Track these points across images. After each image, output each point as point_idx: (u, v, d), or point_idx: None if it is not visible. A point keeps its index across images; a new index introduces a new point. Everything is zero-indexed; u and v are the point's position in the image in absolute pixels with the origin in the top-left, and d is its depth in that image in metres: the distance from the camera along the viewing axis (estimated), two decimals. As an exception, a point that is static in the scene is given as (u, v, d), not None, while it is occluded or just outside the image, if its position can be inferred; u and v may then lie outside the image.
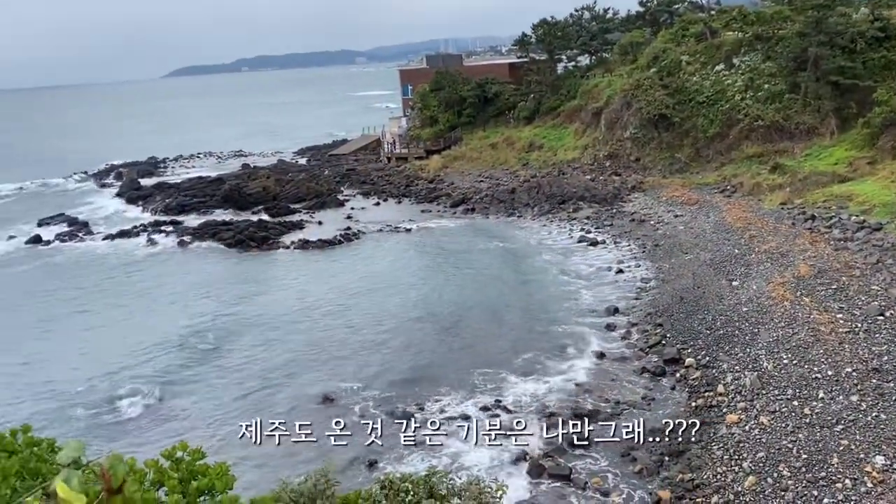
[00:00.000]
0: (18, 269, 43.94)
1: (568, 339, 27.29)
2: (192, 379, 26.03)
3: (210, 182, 64.81)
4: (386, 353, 27.28)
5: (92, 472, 1.81)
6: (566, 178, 52.18)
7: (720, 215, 38.13)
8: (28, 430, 3.85)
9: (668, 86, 51.48)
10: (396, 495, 5.06)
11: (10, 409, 23.81)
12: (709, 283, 29.44)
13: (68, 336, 31.50)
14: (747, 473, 17.19)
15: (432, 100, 69.17)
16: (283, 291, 35.76)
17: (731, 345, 23.76)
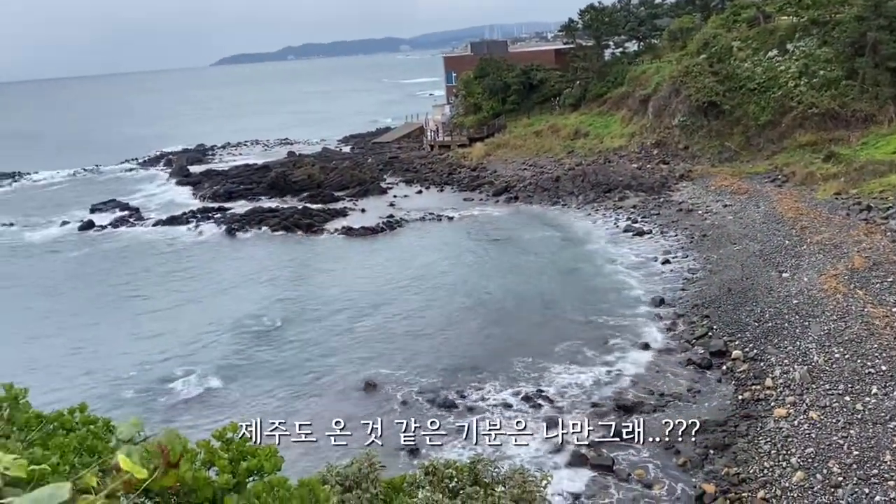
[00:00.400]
0: (72, 254, 45.26)
1: (612, 329, 27.04)
2: (241, 363, 26.53)
3: (257, 169, 65.76)
4: (428, 340, 27.40)
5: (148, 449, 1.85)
6: (612, 166, 51.53)
7: (771, 205, 37.24)
8: (84, 409, 3.95)
9: (718, 72, 50.34)
10: (441, 481, 5.08)
11: (63, 391, 24.53)
12: (758, 274, 28.83)
13: (120, 320, 32.35)
14: (795, 469, 16.84)
15: (476, 87, 68.91)
16: (328, 278, 36.16)
17: (780, 338, 23.25)
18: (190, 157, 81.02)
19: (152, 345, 28.71)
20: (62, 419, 3.84)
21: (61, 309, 34.40)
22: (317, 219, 47.79)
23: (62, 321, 32.55)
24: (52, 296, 36.73)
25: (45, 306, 35.05)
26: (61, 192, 68.81)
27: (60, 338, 30.35)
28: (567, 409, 21.49)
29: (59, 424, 3.79)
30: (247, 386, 24.54)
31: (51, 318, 33.19)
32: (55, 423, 3.82)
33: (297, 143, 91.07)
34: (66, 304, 35.26)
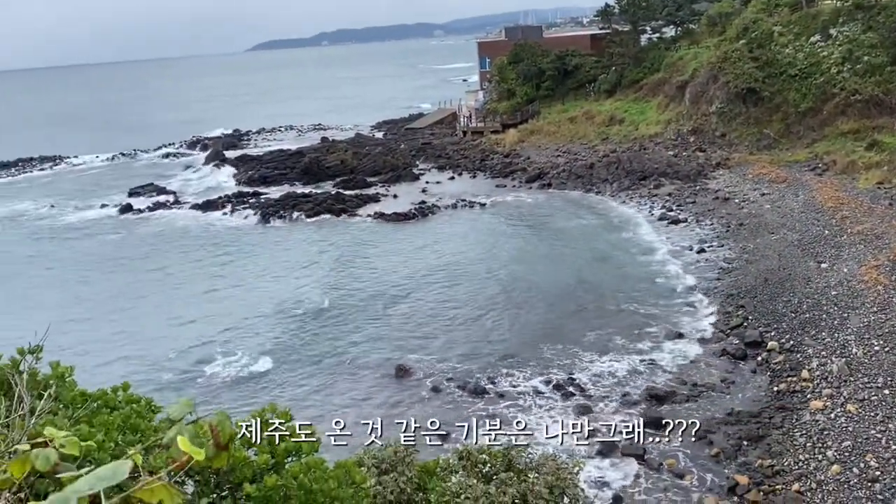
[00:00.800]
0: (110, 237, 46.14)
1: (645, 318, 26.82)
2: (277, 347, 26.86)
3: (290, 155, 66.23)
4: (459, 326, 27.45)
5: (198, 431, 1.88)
6: (647, 153, 50.90)
7: (810, 194, 36.51)
8: (127, 388, 4.05)
9: (758, 58, 49.31)
10: (474, 466, 5.10)
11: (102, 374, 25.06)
12: (795, 264, 28.33)
13: (159, 303, 32.94)
14: (831, 462, 16.59)
15: (510, 72, 68.43)
16: (360, 264, 36.35)
17: (817, 329, 22.86)
18: (225, 143, 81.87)
19: (191, 328, 29.20)
20: (106, 397, 3.94)
21: (101, 291, 35.13)
22: (349, 204, 48.03)
23: (102, 303, 33.24)
24: (92, 278, 37.52)
25: (84, 288, 35.83)
26: (100, 175, 70.07)
27: (100, 320, 31.00)
28: (598, 398, 21.41)
29: (104, 402, 3.90)
30: (282, 370, 24.85)
31: (91, 299, 33.93)
32: (99, 402, 3.92)
33: (330, 129, 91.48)
34: (105, 286, 35.99)
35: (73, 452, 1.53)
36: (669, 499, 16.63)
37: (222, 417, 1.45)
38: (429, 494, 4.87)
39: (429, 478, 5.12)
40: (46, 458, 1.46)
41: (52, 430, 1.58)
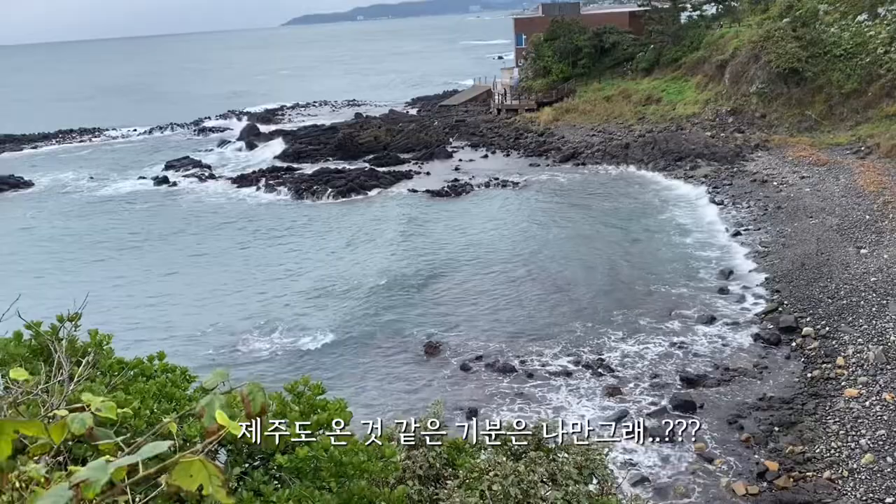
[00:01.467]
0: (147, 209, 46.86)
1: (678, 300, 26.54)
2: (309, 322, 27.13)
3: (324, 130, 66.44)
4: (490, 305, 27.45)
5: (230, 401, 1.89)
6: (684, 133, 50.06)
7: (851, 178, 35.65)
8: (163, 357, 4.11)
9: (801, 37, 48.02)
10: (504, 443, 5.10)
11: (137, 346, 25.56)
12: (834, 249, 27.76)
13: (193, 278, 33.44)
14: (865, 451, 16.33)
15: (546, 49, 67.58)
16: (392, 241, 36.46)
17: (854, 316, 22.42)
18: (260, 117, 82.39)
19: (225, 303, 29.60)
20: (142, 366, 4.01)
21: (136, 263, 35.76)
22: (382, 181, 48.10)
23: (137, 276, 33.84)
24: (127, 250, 38.19)
25: (120, 260, 36.51)
26: (137, 148, 71.07)
27: (135, 292, 31.58)
28: (628, 379, 21.30)
29: (140, 371, 3.96)
30: (315, 345, 25.09)
31: (126, 272, 34.56)
32: (135, 370, 3.99)
33: (364, 105, 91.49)
34: (141, 259, 36.62)
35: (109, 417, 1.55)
36: (697, 482, 16.54)
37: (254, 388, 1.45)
38: (457, 470, 4.89)
39: (457, 454, 5.13)
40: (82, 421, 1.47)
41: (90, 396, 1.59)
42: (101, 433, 1.54)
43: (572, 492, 4.41)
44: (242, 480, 3.32)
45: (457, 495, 4.37)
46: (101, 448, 1.52)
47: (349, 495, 3.69)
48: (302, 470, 3.54)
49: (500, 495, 4.29)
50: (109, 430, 1.59)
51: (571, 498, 4.38)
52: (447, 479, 4.95)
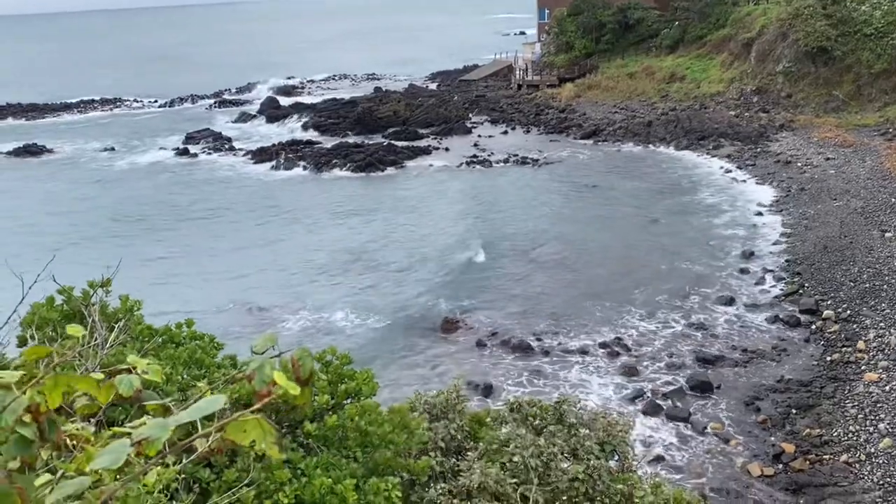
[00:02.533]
0: (165, 179, 47.10)
1: (698, 280, 26.39)
2: (328, 296, 27.28)
3: (344, 104, 66.24)
4: (508, 282, 27.45)
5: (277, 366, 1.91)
6: (708, 112, 49.47)
7: (878, 160, 35.10)
8: (191, 325, 4.15)
9: (831, 15, 47.07)
10: (525, 419, 5.13)
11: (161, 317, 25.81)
12: (858, 232, 27.43)
13: (217, 251, 33.64)
14: (883, 435, 16.26)
15: (570, 24, 66.78)
16: (411, 217, 36.48)
17: (877, 300, 22.20)
18: (280, 90, 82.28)
19: (247, 277, 29.76)
20: (171, 333, 4.06)
21: (155, 236, 36.02)
22: (401, 156, 47.98)
23: (157, 248, 34.11)
24: (146, 221, 38.45)
25: (139, 232, 36.78)
26: (158, 119, 71.33)
27: (156, 265, 31.87)
28: (645, 359, 21.28)
29: (169, 338, 4.01)
30: (334, 320, 25.18)
31: (147, 244, 34.84)
32: (164, 336, 4.04)
33: (383, 79, 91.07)
34: (159, 231, 36.86)
35: (155, 380, 1.57)
36: (713, 462, 16.56)
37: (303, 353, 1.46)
38: (479, 442, 4.93)
39: (479, 427, 5.17)
40: (130, 383, 1.50)
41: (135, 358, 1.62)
42: (148, 395, 1.56)
43: (593, 466, 4.43)
44: (271, 447, 3.37)
45: (477, 466, 4.40)
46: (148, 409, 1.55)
47: (374, 464, 3.73)
48: (329, 438, 3.58)
49: (520, 466, 4.32)
50: (153, 393, 1.62)
51: (592, 472, 4.40)
52: (468, 451, 4.99)
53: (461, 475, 4.54)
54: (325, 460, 3.40)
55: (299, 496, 3.13)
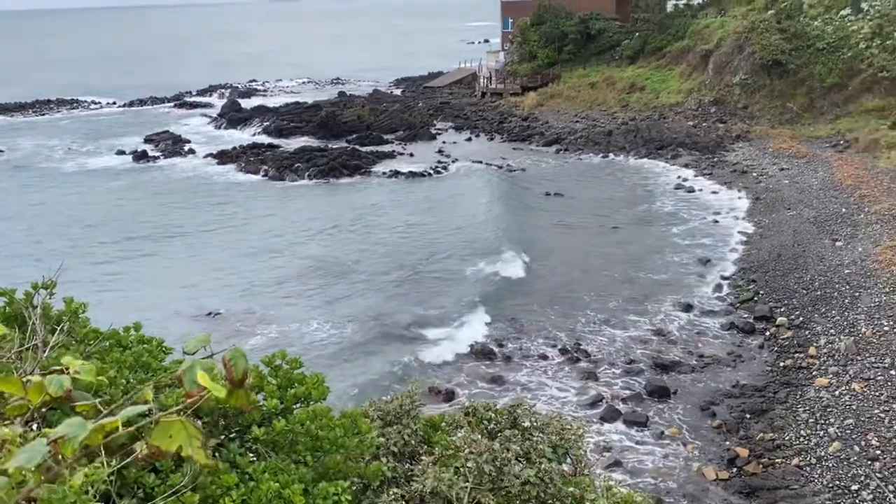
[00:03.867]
0: (123, 184, 46.23)
1: (655, 288, 26.76)
2: (287, 303, 27.02)
3: (307, 108, 65.88)
4: (467, 287, 27.51)
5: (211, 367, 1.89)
6: (667, 122, 50.32)
7: (829, 171, 36.05)
8: (139, 328, 4.08)
9: (785, 30, 48.30)
10: (479, 423, 5.15)
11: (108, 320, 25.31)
12: (810, 241, 28.12)
13: (168, 254, 33.12)
14: (833, 439, 16.66)
15: (533, 34, 67.38)
16: (373, 221, 36.36)
17: (828, 307, 22.77)
18: (242, 92, 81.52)
19: (203, 282, 29.36)
20: (118, 336, 3.98)
21: (110, 238, 35.31)
22: (364, 161, 47.86)
23: (110, 252, 33.45)
24: (102, 226, 37.65)
25: (93, 235, 36.01)
26: (116, 121, 70.05)
27: (110, 266, 31.26)
28: (604, 364, 21.51)
29: (116, 341, 3.94)
30: (290, 326, 24.99)
31: (101, 246, 34.14)
32: (111, 340, 3.97)
33: (348, 83, 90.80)
34: (113, 234, 36.13)
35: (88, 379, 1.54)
36: (669, 466, 16.79)
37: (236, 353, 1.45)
38: (433, 447, 4.93)
39: (433, 432, 5.17)
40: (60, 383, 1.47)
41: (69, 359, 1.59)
42: (80, 396, 1.53)
43: (545, 469, 4.46)
44: (218, 452, 3.33)
45: (431, 471, 4.40)
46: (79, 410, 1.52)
47: (325, 469, 3.71)
48: (278, 443, 3.56)
49: (474, 472, 4.33)
50: (87, 394, 1.59)
51: (544, 475, 4.43)
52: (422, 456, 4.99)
53: (414, 480, 4.54)
54: (273, 465, 3.37)
55: (246, 500, 3.10)
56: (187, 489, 2.97)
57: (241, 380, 1.39)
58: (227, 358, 1.46)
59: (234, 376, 1.40)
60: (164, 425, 1.38)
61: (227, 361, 1.45)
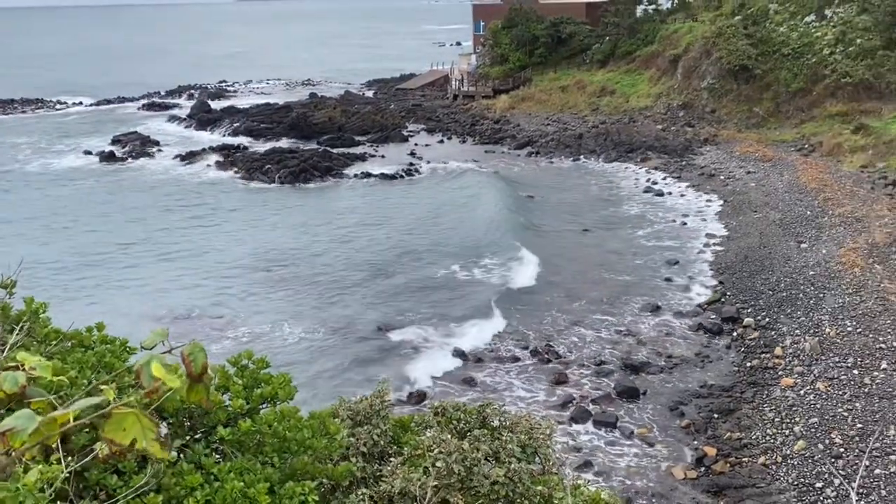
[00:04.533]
0: (90, 185, 45.47)
1: (626, 289, 27.01)
2: (259, 303, 26.79)
3: (277, 109, 65.42)
4: (439, 289, 27.53)
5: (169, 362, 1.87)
6: (636, 126, 50.84)
7: (795, 174, 36.71)
8: (102, 328, 4.01)
9: (752, 35, 49.11)
10: (449, 422, 5.14)
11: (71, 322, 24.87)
12: (776, 243, 28.59)
13: (135, 255, 32.66)
14: (798, 437, 16.95)
15: (504, 37, 67.66)
16: (345, 223, 36.22)
17: (793, 308, 23.17)
18: (212, 93, 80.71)
19: (170, 281, 29.03)
20: (80, 336, 3.91)
21: (78, 239, 34.76)
22: (336, 162, 47.64)
23: (78, 251, 32.91)
24: (69, 226, 37.05)
25: (60, 236, 35.42)
26: (85, 121, 68.91)
27: (75, 268, 30.75)
28: (575, 366, 21.64)
29: (78, 342, 3.86)
30: (261, 327, 24.79)
31: (68, 247, 33.57)
32: (73, 340, 3.89)
33: (319, 84, 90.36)
34: (83, 234, 35.59)
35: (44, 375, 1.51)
36: (639, 466, 16.95)
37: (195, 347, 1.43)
38: (402, 448, 4.91)
39: (403, 432, 5.15)
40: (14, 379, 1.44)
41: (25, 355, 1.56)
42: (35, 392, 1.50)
43: (514, 469, 4.46)
44: (183, 453, 3.29)
45: (400, 471, 4.39)
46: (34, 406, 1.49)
47: (292, 470, 3.68)
48: (244, 444, 3.51)
49: (443, 472, 4.33)
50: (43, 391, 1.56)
51: (513, 475, 4.44)
52: (392, 457, 4.98)
53: (383, 481, 4.52)
54: (239, 465, 3.33)
55: (210, 501, 3.06)
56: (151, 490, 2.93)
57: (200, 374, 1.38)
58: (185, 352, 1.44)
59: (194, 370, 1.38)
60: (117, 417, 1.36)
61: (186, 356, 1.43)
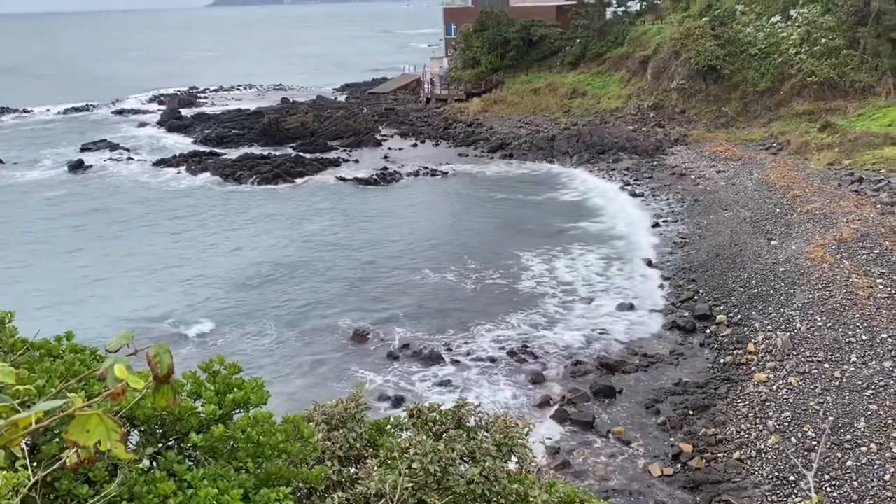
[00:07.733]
0: (59, 194, 44.79)
1: (599, 289, 27.22)
2: (232, 311, 26.57)
3: (249, 115, 64.99)
4: (418, 294, 27.51)
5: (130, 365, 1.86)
6: (608, 127, 51.26)
7: (764, 173, 37.25)
8: (71, 337, 3.97)
9: (719, 36, 49.81)
10: (424, 424, 5.15)
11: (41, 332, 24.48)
12: (747, 241, 28.98)
13: (106, 264, 32.24)
14: (771, 432, 17.18)
15: (475, 41, 67.89)
16: (319, 230, 36.06)
17: (764, 304, 23.50)
18: (182, 100, 79.93)
19: (139, 290, 28.71)
20: (49, 346, 3.87)
21: (46, 249, 34.22)
22: (309, 168, 47.42)
23: (47, 261, 32.41)
24: (37, 237, 36.46)
25: (29, 247, 34.84)
26: (52, 129, 67.83)
27: (45, 278, 30.27)
28: (551, 365, 21.75)
29: (46, 351, 3.82)
30: (237, 333, 24.62)
31: (36, 258, 33.04)
32: (42, 350, 3.84)
33: (291, 90, 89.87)
34: (51, 245, 35.05)
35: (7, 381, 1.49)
36: (616, 464, 17.06)
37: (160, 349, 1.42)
38: (378, 450, 4.91)
39: (379, 435, 5.16)
40: (-24, 386, 1.42)
41: (-15, 362, 1.54)
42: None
43: (490, 468, 4.49)
44: (156, 460, 3.25)
45: (376, 473, 4.39)
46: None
47: (266, 475, 3.67)
48: (217, 450, 3.50)
49: (419, 472, 4.34)
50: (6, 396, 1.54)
51: (489, 474, 4.46)
52: (367, 459, 4.98)
53: (359, 483, 4.52)
54: (212, 471, 3.31)
55: (183, 508, 3.04)
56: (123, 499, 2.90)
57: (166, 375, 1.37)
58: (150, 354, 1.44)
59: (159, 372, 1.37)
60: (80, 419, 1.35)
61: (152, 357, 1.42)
